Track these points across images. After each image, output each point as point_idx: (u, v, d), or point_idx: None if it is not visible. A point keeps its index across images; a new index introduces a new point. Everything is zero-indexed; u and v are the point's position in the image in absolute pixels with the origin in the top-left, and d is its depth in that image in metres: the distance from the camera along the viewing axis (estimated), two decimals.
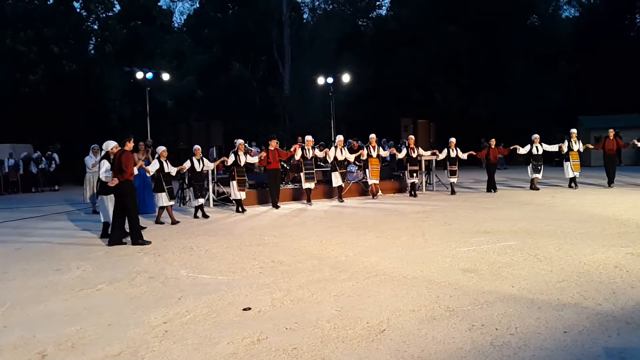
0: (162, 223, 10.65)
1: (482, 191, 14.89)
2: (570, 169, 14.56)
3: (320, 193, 14.45)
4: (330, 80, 18.73)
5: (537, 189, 14.40)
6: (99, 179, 8.99)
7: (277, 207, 12.65)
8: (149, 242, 8.27)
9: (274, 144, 12.78)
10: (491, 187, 14.62)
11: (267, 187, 13.25)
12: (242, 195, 12.23)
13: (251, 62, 36.48)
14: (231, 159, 12.12)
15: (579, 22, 35.48)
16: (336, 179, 13.69)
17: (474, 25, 30.34)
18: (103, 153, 8.91)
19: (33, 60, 26.08)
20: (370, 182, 14.34)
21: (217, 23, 36.43)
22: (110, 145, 8.73)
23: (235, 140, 12.64)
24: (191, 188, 12.17)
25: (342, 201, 13.67)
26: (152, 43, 30.44)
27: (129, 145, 8.44)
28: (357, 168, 15.67)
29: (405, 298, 4.84)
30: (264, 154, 12.91)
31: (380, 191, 14.67)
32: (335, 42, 33.81)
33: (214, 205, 13.41)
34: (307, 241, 8.02)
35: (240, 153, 12.27)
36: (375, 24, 39.13)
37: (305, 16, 40.51)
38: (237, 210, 12.19)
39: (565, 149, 14.65)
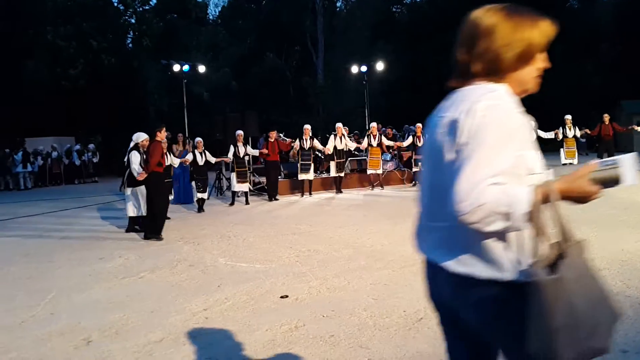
0: (203, 211, 10.95)
1: None
2: (564, 156, 14.27)
3: (355, 182, 14.38)
4: (364, 68, 18.63)
5: None
6: (128, 171, 8.63)
7: (275, 199, 12.33)
8: (161, 239, 7.95)
9: (273, 135, 12.44)
10: None
11: (266, 179, 12.94)
12: (243, 187, 11.89)
13: (285, 53, 36.56)
14: (231, 151, 11.83)
15: (620, 3, 34.20)
16: (333, 169, 13.20)
17: None
18: (132, 144, 8.55)
19: (73, 55, 26.75)
20: (369, 172, 13.87)
21: (251, 14, 36.66)
22: (141, 137, 8.49)
23: (236, 132, 12.30)
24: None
25: (341, 192, 13.19)
26: (188, 36, 30.83)
27: (160, 136, 8.26)
28: (391, 157, 15.59)
29: None
30: (265, 150, 12.46)
31: (381, 183, 14.05)
32: (369, 30, 33.49)
33: (251, 194, 13.51)
34: (342, 230, 8.05)
35: (240, 144, 11.93)
36: (410, 9, 38.61)
37: (338, 4, 40.31)
38: (231, 204, 11.85)
39: (560, 136, 14.35)
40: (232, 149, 11.85)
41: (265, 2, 37.04)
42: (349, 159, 14.35)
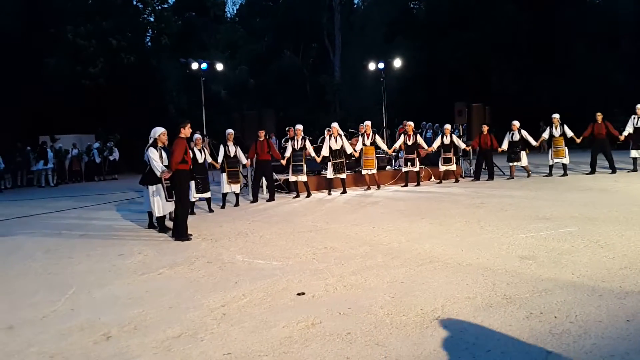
0: (212, 211, 10.91)
1: (539, 176, 14.41)
2: (550, 156, 14.12)
3: (381, 179, 14.16)
4: (381, 65, 18.53)
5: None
6: (149, 167, 8.30)
7: (256, 200, 11.94)
8: (189, 239, 7.72)
9: (262, 135, 12.05)
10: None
11: (252, 179, 12.54)
12: (234, 188, 11.45)
13: (302, 50, 36.60)
14: (221, 151, 11.47)
15: None
16: (329, 171, 12.70)
17: (530, 5, 29.20)
18: (151, 140, 8.27)
19: (93, 53, 27.03)
20: (364, 172, 13.34)
21: (269, 12, 36.78)
22: (158, 132, 8.24)
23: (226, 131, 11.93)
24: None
25: (345, 192, 12.67)
26: (206, 34, 31.00)
27: (184, 132, 7.89)
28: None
29: (460, 285, 4.79)
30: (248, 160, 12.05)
31: (378, 184, 13.57)
32: (386, 27, 33.34)
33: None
34: (359, 228, 8.03)
35: (230, 144, 11.52)
36: (428, 6, 38.34)
37: (355, 1, 40.24)
38: (222, 207, 11.33)
39: (546, 136, 14.25)
40: (222, 149, 11.50)
41: (282, 0, 37.09)
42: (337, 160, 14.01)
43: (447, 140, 13.99)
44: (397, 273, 5.30)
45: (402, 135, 14.00)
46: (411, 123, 14.14)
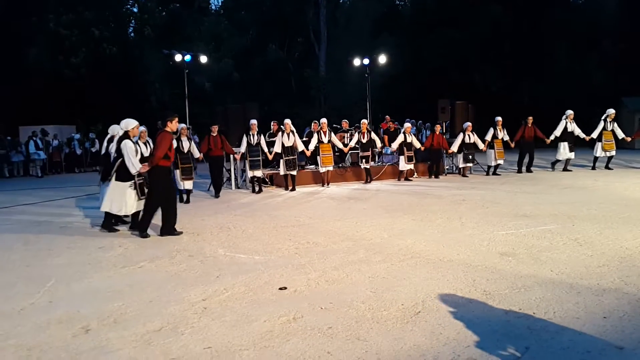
0: (188, 202, 10.95)
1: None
2: (494, 157, 14.63)
3: (353, 175, 14.33)
4: (366, 61, 18.56)
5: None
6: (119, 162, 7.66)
7: (218, 196, 11.72)
8: (147, 236, 7.43)
9: (215, 130, 11.84)
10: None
11: (211, 175, 12.26)
12: (187, 185, 11.03)
13: (287, 44, 36.45)
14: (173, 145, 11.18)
15: (622, 0, 34.03)
16: (282, 168, 12.61)
17: (514, 5, 29.43)
18: (121, 132, 7.74)
19: (75, 43, 26.66)
20: (321, 169, 13.25)
21: (254, 5, 36.47)
22: (131, 124, 7.66)
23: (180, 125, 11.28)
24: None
25: (293, 190, 12.59)
26: (191, 26, 30.73)
27: (170, 126, 7.47)
28: (392, 150, 15.57)
29: (441, 281, 4.83)
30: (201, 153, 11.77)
31: (328, 181, 13.46)
32: (372, 23, 33.35)
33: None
34: (342, 223, 8.05)
35: (184, 138, 11.05)
36: (413, 3, 38.43)
37: None
38: (183, 202, 10.97)
39: (489, 138, 14.67)
40: (174, 143, 10.67)
41: None
42: (351, 152, 14.26)
43: (408, 139, 14.07)
44: (379, 268, 5.32)
45: (315, 134, 13.38)
46: (365, 121, 13.99)
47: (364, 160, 13.73)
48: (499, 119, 14.83)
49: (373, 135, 13.90)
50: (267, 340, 3.63)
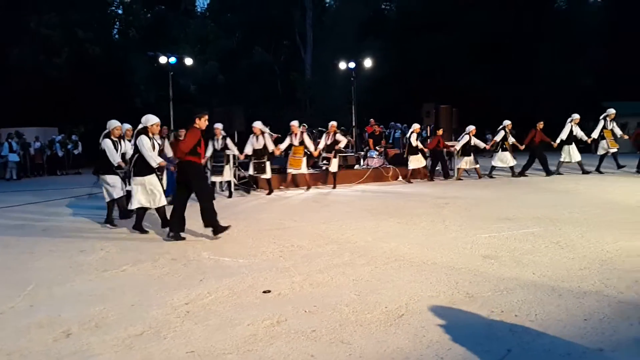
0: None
1: (505, 177, 14.71)
2: (509, 159, 14.80)
3: (343, 178, 14.28)
4: (352, 65, 18.61)
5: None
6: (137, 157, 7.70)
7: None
8: (223, 229, 7.42)
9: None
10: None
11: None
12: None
13: (273, 47, 36.40)
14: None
15: (608, 6, 34.56)
16: (250, 169, 12.54)
17: (500, 10, 29.73)
18: (140, 127, 7.70)
19: (57, 43, 26.35)
20: (289, 171, 13.14)
21: (240, 7, 36.39)
22: (152, 121, 7.71)
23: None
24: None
25: (254, 189, 12.81)
26: (176, 28, 30.57)
27: (199, 123, 7.37)
28: (377, 154, 15.64)
29: (424, 284, 4.85)
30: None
31: (309, 184, 13.35)
32: (358, 27, 33.48)
33: (235, 189, 13.35)
34: (326, 226, 8.05)
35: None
36: (399, 7, 38.64)
37: (327, 0, 40.23)
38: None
39: (499, 139, 14.79)
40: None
41: None
42: (338, 154, 14.21)
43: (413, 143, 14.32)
44: (363, 271, 5.33)
45: (288, 137, 13.26)
46: (334, 123, 13.78)
47: (324, 162, 13.42)
48: (508, 122, 14.84)
49: (338, 137, 13.58)
50: (251, 344, 3.61)
